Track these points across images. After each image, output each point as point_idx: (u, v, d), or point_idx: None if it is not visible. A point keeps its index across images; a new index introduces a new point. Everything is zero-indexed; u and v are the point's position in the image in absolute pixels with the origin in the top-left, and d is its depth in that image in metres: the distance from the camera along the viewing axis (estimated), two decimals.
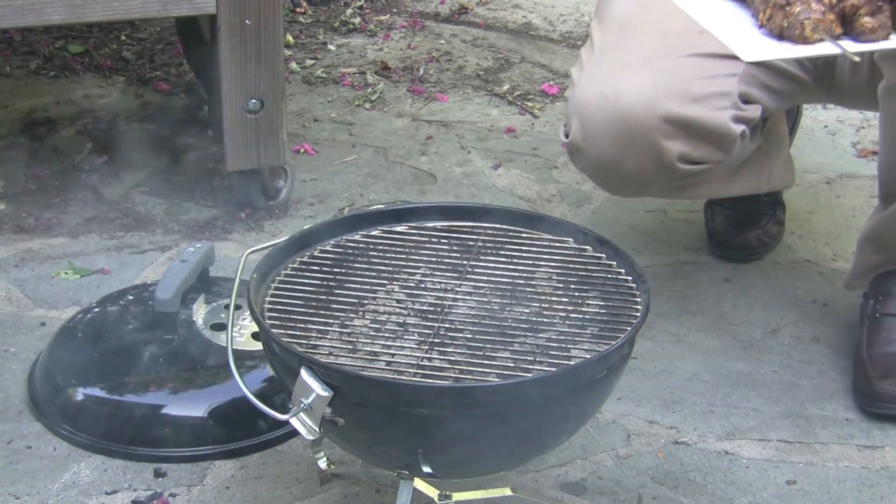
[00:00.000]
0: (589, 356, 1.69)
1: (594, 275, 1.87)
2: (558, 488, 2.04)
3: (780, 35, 1.70)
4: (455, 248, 1.93)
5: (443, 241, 1.94)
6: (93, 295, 2.48)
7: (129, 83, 3.41)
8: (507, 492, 1.91)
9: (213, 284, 2.29)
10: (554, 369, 1.66)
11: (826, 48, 1.70)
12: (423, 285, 1.85)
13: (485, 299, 1.82)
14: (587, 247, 1.93)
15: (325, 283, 1.84)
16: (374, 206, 2.02)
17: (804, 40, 1.68)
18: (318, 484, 2.03)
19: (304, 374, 1.63)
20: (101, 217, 2.79)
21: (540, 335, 1.75)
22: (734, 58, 1.84)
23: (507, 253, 1.92)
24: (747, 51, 1.71)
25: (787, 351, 2.40)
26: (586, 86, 2.21)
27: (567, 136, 2.25)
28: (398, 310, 1.80)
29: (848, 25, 1.68)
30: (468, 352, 1.71)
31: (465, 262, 1.89)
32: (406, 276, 1.87)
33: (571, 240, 1.94)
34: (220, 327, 2.20)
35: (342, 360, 1.68)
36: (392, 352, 1.71)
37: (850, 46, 1.68)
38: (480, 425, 1.63)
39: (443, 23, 3.87)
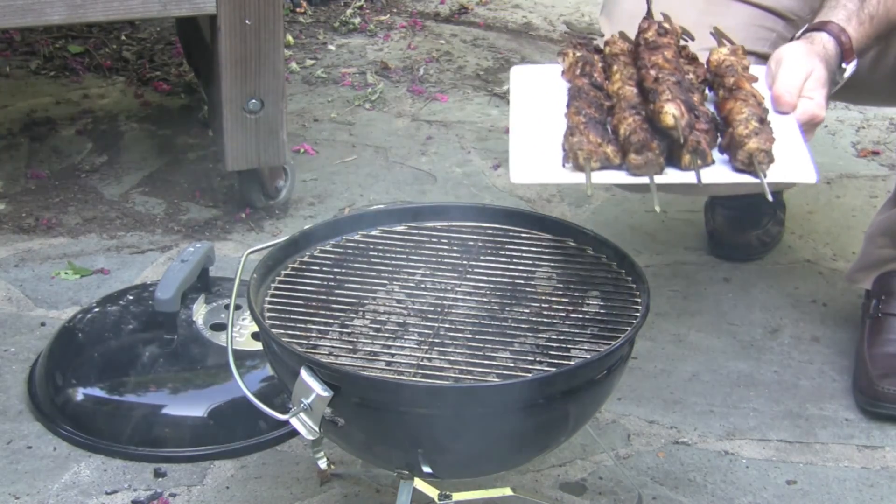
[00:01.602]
0: (589, 356, 1.69)
1: (594, 275, 1.87)
2: (558, 488, 2.04)
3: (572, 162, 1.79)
4: (455, 248, 1.93)
5: (443, 241, 1.94)
6: (93, 295, 2.48)
7: (129, 83, 3.41)
8: (507, 492, 1.91)
9: (213, 284, 2.29)
10: (554, 369, 1.66)
11: (595, 177, 1.79)
12: (423, 285, 1.85)
13: (485, 299, 1.82)
14: (587, 247, 1.93)
15: (325, 283, 1.84)
16: (374, 206, 2.02)
17: (579, 168, 1.78)
18: (318, 484, 2.03)
19: (304, 374, 1.63)
20: (101, 217, 2.79)
21: (540, 335, 1.75)
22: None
23: (507, 253, 1.92)
24: (517, 172, 1.79)
25: (787, 351, 2.40)
26: None
27: None
28: (398, 310, 1.80)
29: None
30: (468, 352, 1.70)
31: (465, 262, 1.89)
32: (406, 276, 1.87)
33: (571, 240, 1.94)
34: (220, 327, 2.20)
35: (342, 360, 1.68)
36: (392, 352, 1.70)
37: (604, 178, 1.79)
38: (480, 425, 1.63)
39: (443, 23, 3.86)
